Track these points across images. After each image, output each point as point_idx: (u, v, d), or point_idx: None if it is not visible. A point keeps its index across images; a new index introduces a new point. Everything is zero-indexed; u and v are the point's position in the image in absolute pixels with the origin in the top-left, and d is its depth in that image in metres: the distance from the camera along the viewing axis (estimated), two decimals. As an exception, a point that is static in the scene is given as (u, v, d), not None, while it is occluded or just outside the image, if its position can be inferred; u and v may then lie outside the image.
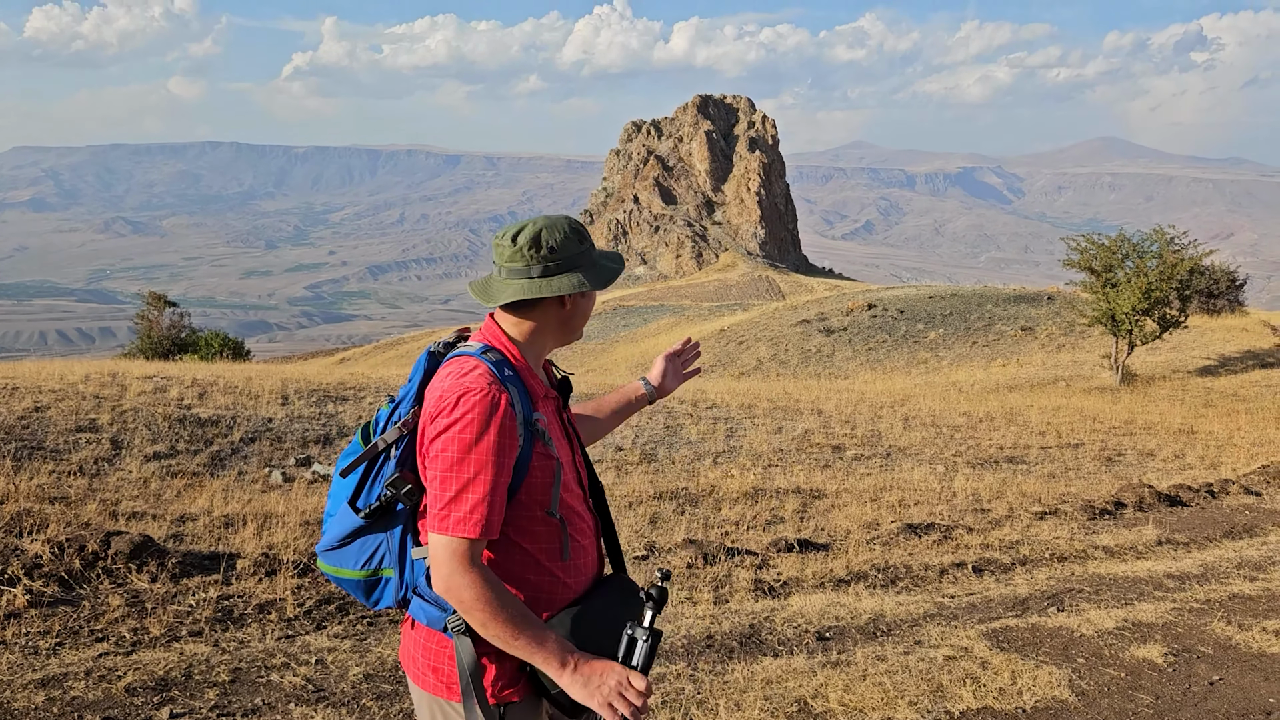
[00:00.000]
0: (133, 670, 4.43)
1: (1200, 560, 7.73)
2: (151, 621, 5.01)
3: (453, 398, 2.05)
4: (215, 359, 31.57)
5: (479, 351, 2.17)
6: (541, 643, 2.02)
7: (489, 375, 2.09)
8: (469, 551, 2.01)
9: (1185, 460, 12.89)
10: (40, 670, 4.36)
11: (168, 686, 4.33)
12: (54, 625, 4.86)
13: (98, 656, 4.58)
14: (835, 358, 33.49)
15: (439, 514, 2.03)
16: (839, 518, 8.58)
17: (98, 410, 9.73)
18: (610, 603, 2.22)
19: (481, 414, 2.02)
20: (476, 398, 2.03)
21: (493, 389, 2.05)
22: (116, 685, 4.26)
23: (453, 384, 2.08)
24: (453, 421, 2.02)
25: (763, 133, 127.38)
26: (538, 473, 2.12)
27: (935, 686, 4.85)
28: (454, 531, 2.01)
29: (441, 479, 2.03)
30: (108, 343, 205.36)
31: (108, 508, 6.81)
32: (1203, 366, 24.77)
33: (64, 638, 4.77)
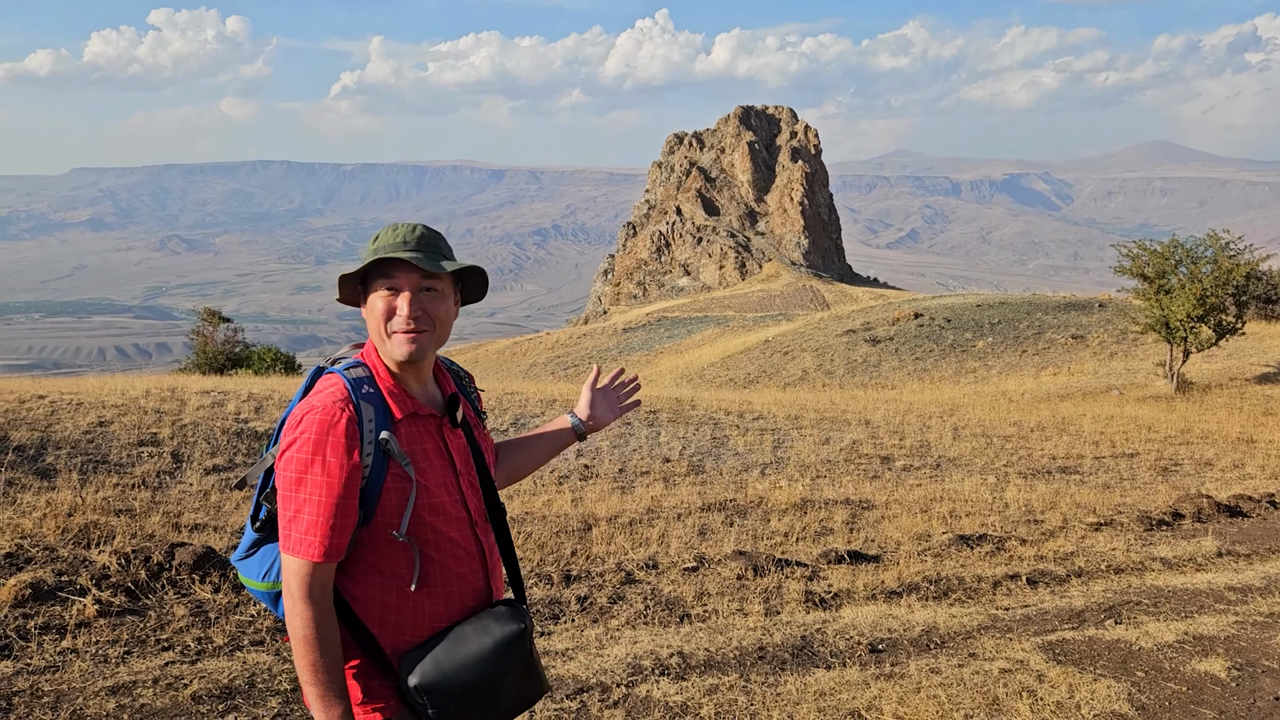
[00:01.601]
0: (198, 679, 4.54)
1: (1263, 572, 7.57)
2: (215, 631, 5.13)
3: (297, 416, 2.04)
4: (268, 373, 32.14)
5: (344, 368, 2.15)
6: (329, 705, 2.00)
7: (340, 394, 2.06)
8: (310, 576, 2.00)
9: (1245, 470, 12.61)
10: (110, 678, 4.49)
11: (232, 695, 4.44)
12: (122, 634, 5.00)
13: (164, 665, 4.71)
14: (882, 368, 33.23)
15: (282, 534, 2.03)
16: (889, 529, 8.52)
17: (159, 425, 9.96)
18: (476, 631, 2.15)
19: (318, 434, 2.00)
20: (316, 416, 2.01)
21: (334, 408, 2.03)
22: (183, 693, 4.38)
23: (303, 400, 2.09)
24: (292, 441, 2.02)
25: (805, 142, 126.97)
26: (391, 494, 2.07)
27: (991, 700, 4.81)
28: (294, 551, 2.01)
29: (281, 498, 2.03)
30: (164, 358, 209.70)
31: (170, 520, 6.98)
32: (1262, 374, 24.21)
33: (132, 646, 4.90)
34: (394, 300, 2.14)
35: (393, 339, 2.14)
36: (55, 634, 4.92)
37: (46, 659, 4.67)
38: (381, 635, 2.13)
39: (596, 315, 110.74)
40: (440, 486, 2.17)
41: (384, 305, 2.14)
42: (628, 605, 6.13)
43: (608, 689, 4.74)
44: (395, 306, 2.13)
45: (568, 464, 10.69)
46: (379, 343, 2.18)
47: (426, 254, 2.14)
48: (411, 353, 2.13)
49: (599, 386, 2.76)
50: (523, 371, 53.22)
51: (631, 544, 7.49)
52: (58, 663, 4.64)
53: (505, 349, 70.53)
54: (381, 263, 2.14)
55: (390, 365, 2.18)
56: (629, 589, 6.43)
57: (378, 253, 2.13)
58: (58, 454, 8.55)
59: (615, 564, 6.84)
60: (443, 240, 2.22)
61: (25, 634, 4.88)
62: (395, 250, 2.12)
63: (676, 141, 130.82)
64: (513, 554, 2.37)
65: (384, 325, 2.14)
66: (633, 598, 6.25)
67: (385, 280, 2.15)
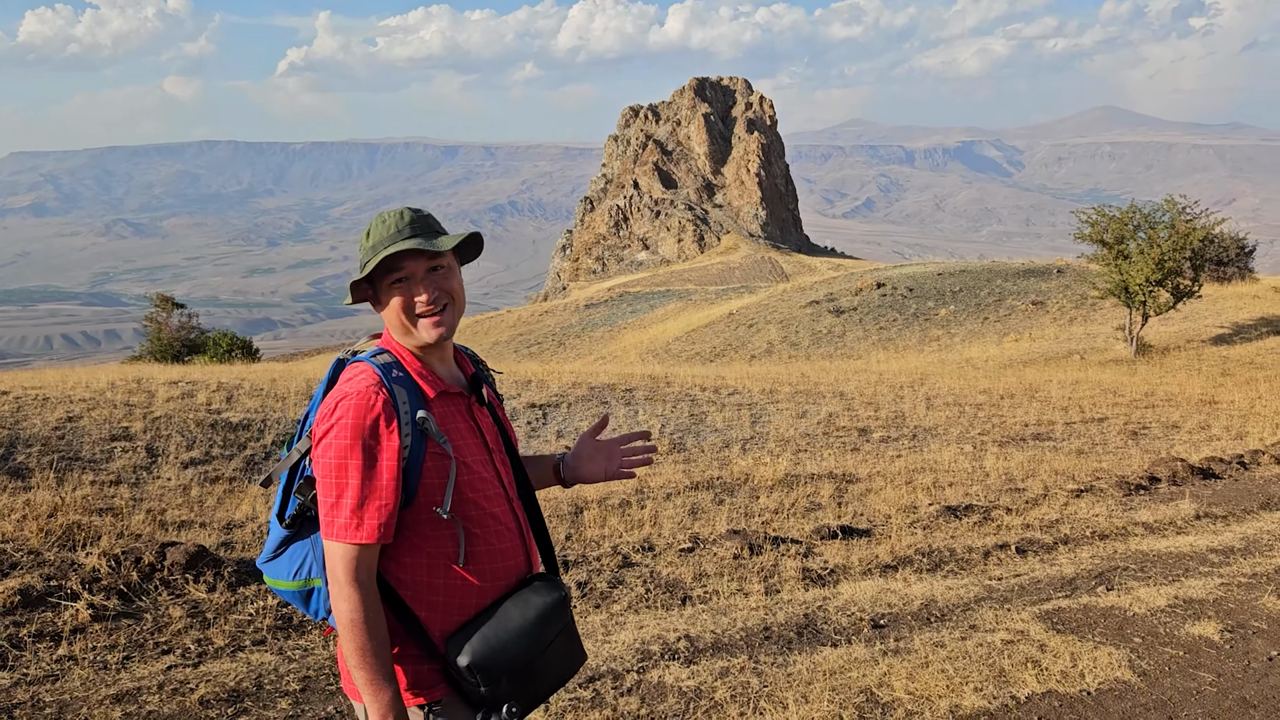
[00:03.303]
0: (204, 682, 4.46)
1: (1241, 533, 7.73)
2: (214, 632, 5.04)
3: (332, 403, 2.06)
4: (227, 360, 31.63)
5: (370, 355, 2.17)
6: (379, 689, 2.01)
7: (373, 378, 2.08)
8: (356, 559, 2.01)
9: (1211, 431, 12.87)
10: (113, 685, 4.39)
11: (240, 698, 4.36)
12: (119, 639, 4.89)
13: (167, 669, 4.61)
14: (846, 338, 33.45)
15: (324, 520, 2.04)
16: (876, 502, 8.58)
17: (129, 418, 9.75)
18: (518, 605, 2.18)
19: (356, 418, 2.01)
20: (352, 402, 2.03)
21: (369, 392, 2.04)
22: (190, 698, 4.29)
23: (337, 388, 2.10)
24: (330, 427, 2.03)
25: (760, 114, 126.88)
26: (432, 473, 2.10)
27: (998, 671, 4.86)
28: (338, 537, 2.01)
29: (322, 485, 2.04)
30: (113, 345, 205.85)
31: (154, 517, 6.84)
32: (1217, 335, 24.70)
33: (130, 651, 4.79)
34: (408, 290, 2.16)
35: (419, 325, 2.17)
36: (50, 641, 4.79)
37: (44, 668, 4.55)
38: (429, 618, 2.14)
39: (556, 292, 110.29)
40: (477, 463, 2.20)
41: (400, 297, 2.16)
42: (628, 589, 6.11)
43: (619, 676, 4.72)
44: (412, 295, 2.16)
45: (549, 446, 10.63)
46: (403, 333, 2.19)
47: (424, 236, 2.15)
48: (441, 333, 2.17)
49: (599, 438, 2.61)
50: (485, 350, 52.89)
51: (624, 526, 7.47)
52: (56, 671, 4.53)
53: (466, 327, 70.01)
54: (385, 258, 2.15)
55: (415, 349, 2.20)
56: (627, 572, 6.41)
57: (376, 249, 2.15)
58: (28, 452, 8.34)
59: (611, 547, 6.82)
60: (431, 217, 2.23)
61: (19, 642, 4.75)
62: (395, 242, 2.13)
63: (632, 115, 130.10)
64: (543, 527, 2.39)
65: (405, 316, 2.17)
66: (632, 581, 6.23)
67: (394, 273, 2.16)
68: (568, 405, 12.53)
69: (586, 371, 16.86)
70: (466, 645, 2.10)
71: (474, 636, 2.11)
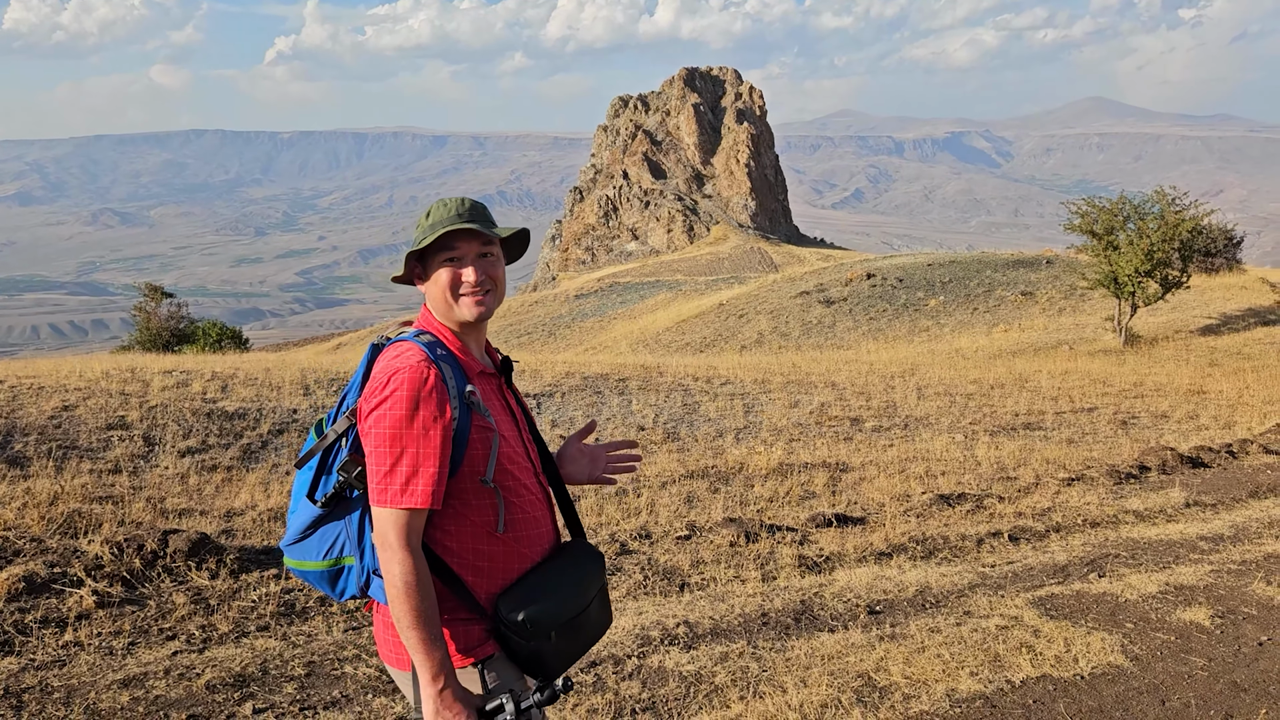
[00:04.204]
0: (210, 667, 4.50)
1: (1230, 521, 7.83)
2: (218, 618, 5.07)
3: (384, 377, 2.15)
4: (217, 350, 31.52)
5: (412, 335, 2.28)
6: (431, 649, 2.08)
7: (420, 354, 2.19)
8: (407, 524, 2.10)
9: (1200, 421, 12.99)
10: (120, 670, 4.43)
11: (246, 682, 4.40)
12: (124, 625, 4.93)
13: (172, 655, 4.65)
14: (836, 328, 33.55)
15: (377, 488, 2.12)
16: (869, 490, 8.66)
17: (125, 407, 9.76)
18: (564, 565, 2.32)
19: (411, 388, 2.11)
20: (405, 375, 2.13)
21: (421, 366, 2.15)
22: (197, 683, 4.33)
23: (385, 365, 2.19)
24: (384, 399, 2.12)
25: (750, 104, 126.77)
26: (477, 444, 2.20)
27: (993, 657, 4.94)
28: (392, 503, 2.09)
29: (376, 454, 2.12)
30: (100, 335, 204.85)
31: (154, 505, 6.86)
32: (1205, 326, 24.89)
33: (135, 637, 4.83)
34: (458, 269, 2.30)
35: (460, 302, 2.30)
36: (55, 627, 4.83)
37: (50, 654, 4.58)
38: (475, 582, 2.24)
39: (545, 282, 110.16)
40: (511, 437, 2.33)
41: (449, 274, 2.29)
42: (626, 576, 6.17)
43: (620, 661, 4.78)
44: (460, 274, 2.29)
45: (545, 434, 10.68)
46: (444, 309, 2.32)
47: (481, 223, 2.30)
48: (480, 314, 2.30)
49: (584, 441, 2.71)
50: (476, 340, 52.78)
51: (621, 514, 7.53)
52: (62, 657, 4.56)
53: (456, 318, 69.79)
54: (442, 235, 2.29)
55: (454, 327, 2.33)
56: (625, 559, 6.47)
57: (436, 227, 2.28)
58: (25, 441, 8.35)
59: (609, 535, 6.87)
60: (487, 209, 2.38)
61: (25, 629, 4.78)
62: (454, 222, 2.27)
63: (621, 105, 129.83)
64: (568, 498, 2.54)
65: (450, 292, 2.29)
66: (630, 568, 6.29)
67: (447, 252, 2.30)
68: (561, 395, 12.58)
69: (579, 361, 16.91)
70: (520, 602, 2.21)
71: (524, 595, 2.22)
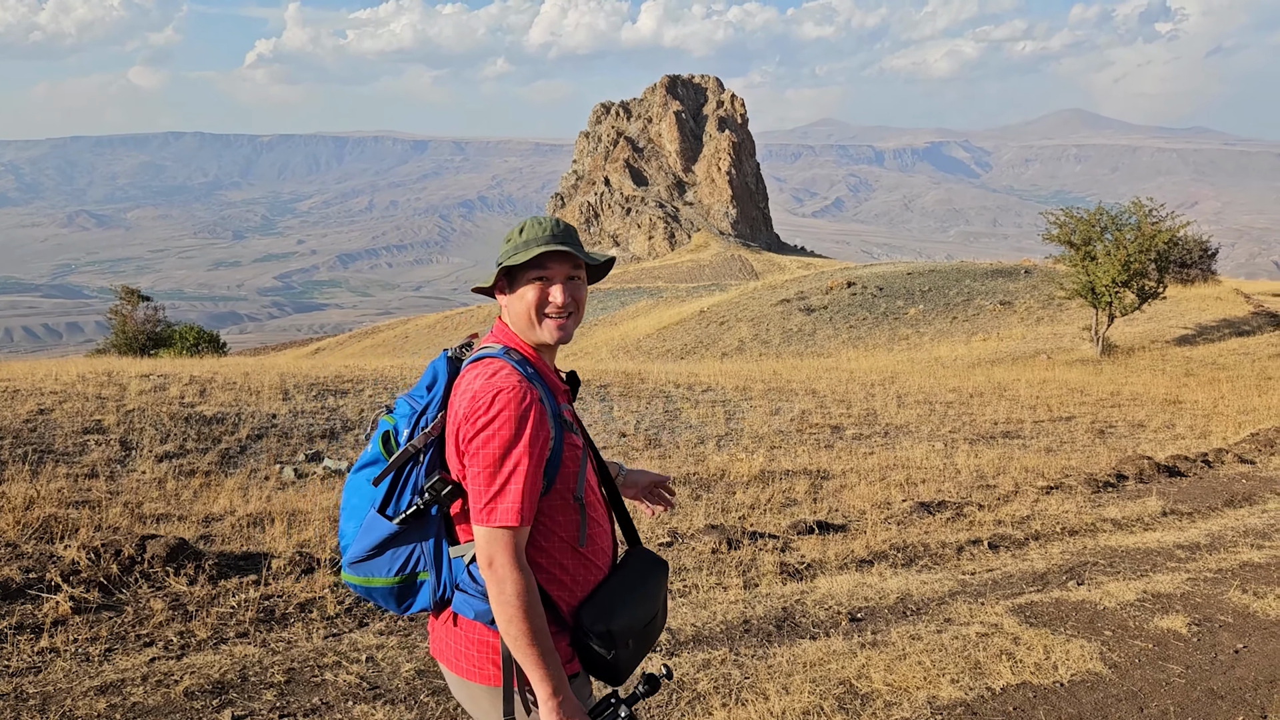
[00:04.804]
0: (188, 674, 4.46)
1: (1206, 530, 7.91)
2: (197, 624, 5.03)
3: (488, 397, 2.15)
4: (194, 353, 31.27)
5: (502, 352, 2.29)
6: (548, 662, 2.10)
7: (517, 374, 2.20)
8: (514, 541, 2.12)
9: (1176, 430, 13.12)
10: (97, 677, 4.38)
11: (225, 689, 4.36)
12: (100, 631, 4.87)
13: (150, 661, 4.60)
14: (817, 336, 33.67)
15: (485, 508, 2.12)
16: (850, 498, 8.69)
17: (102, 411, 9.66)
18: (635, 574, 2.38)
19: (517, 409, 2.13)
20: (510, 395, 2.14)
21: (521, 387, 2.16)
22: (175, 689, 4.29)
23: (484, 384, 2.18)
24: (491, 419, 2.13)
25: (732, 112, 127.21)
26: (568, 462, 2.25)
27: (973, 664, 4.97)
28: (500, 522, 2.11)
29: (484, 474, 2.13)
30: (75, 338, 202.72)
31: (131, 510, 6.80)
32: (1180, 336, 25.14)
33: (112, 643, 4.78)
34: (547, 289, 2.30)
35: (544, 324, 2.31)
36: (31, 634, 4.77)
37: (25, 660, 4.52)
38: (559, 596, 2.26)
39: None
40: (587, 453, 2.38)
41: (536, 293, 2.30)
42: (608, 583, 6.15)
43: (603, 668, 4.77)
44: (548, 294, 2.30)
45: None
46: (527, 328, 2.32)
47: (574, 246, 2.32)
48: (560, 337, 2.32)
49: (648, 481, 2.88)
50: (456, 346, 52.61)
51: (603, 521, 7.51)
52: (38, 663, 4.51)
53: (435, 323, 69.73)
54: (536, 255, 2.30)
55: (534, 346, 2.35)
56: (607, 566, 6.45)
57: (530, 245, 2.28)
58: (0, 444, 8.25)
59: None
60: (576, 232, 2.40)
61: (-1, 635, 4.72)
62: (550, 243, 2.28)
63: (604, 111, 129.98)
64: (624, 507, 2.57)
65: (535, 311, 2.30)
66: (612, 575, 6.28)
67: (538, 270, 2.30)
68: (543, 401, 12.55)
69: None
70: (604, 613, 2.24)
71: (608, 605, 2.26)
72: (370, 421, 2.44)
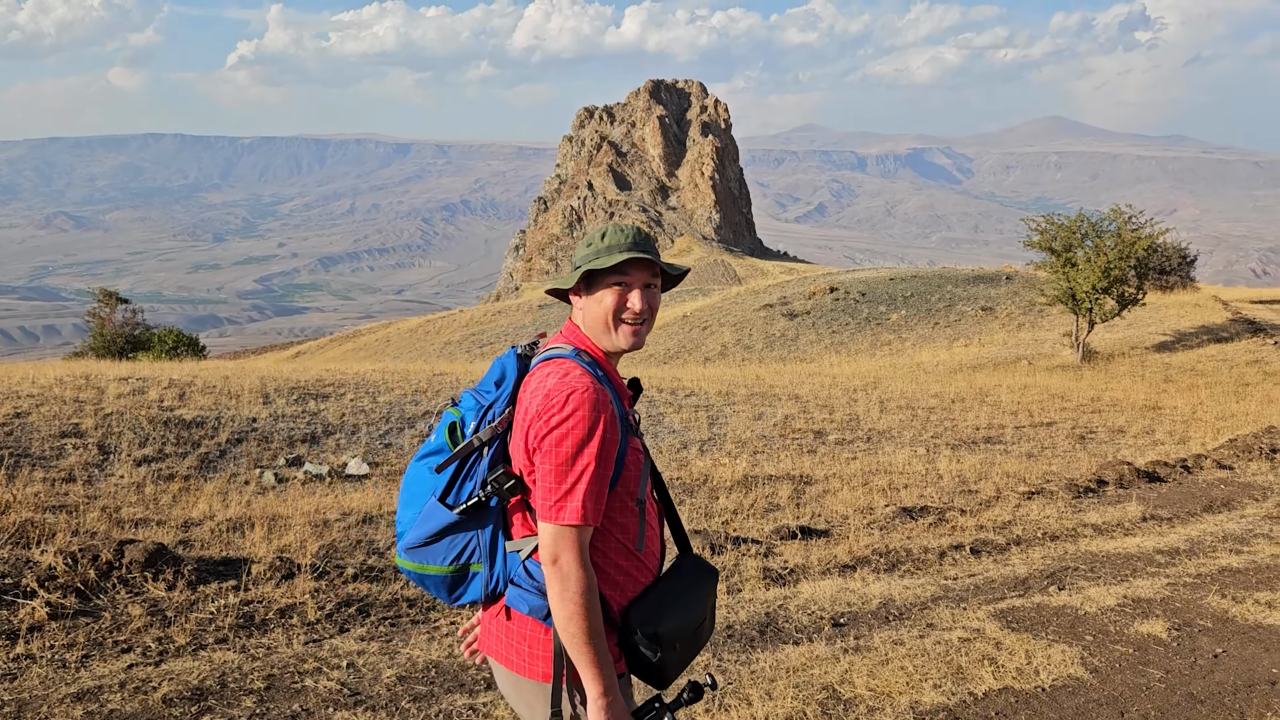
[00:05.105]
0: (166, 680, 4.41)
1: (1186, 535, 7.96)
2: (175, 630, 4.97)
3: (561, 397, 2.17)
4: (173, 357, 31.03)
5: (573, 354, 2.31)
6: (601, 662, 2.14)
7: (589, 376, 2.23)
8: (580, 540, 2.15)
9: (1155, 436, 13.21)
10: (73, 684, 4.32)
11: (204, 696, 4.32)
12: (77, 637, 4.81)
13: (128, 668, 4.55)
14: (799, 341, 33.75)
15: (554, 505, 2.15)
16: (833, 503, 8.70)
17: (79, 415, 9.57)
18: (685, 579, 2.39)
19: (590, 411, 2.15)
20: (584, 396, 2.16)
21: (594, 388, 2.19)
22: (153, 696, 4.24)
23: (557, 384, 2.20)
24: (564, 419, 2.15)
25: (715, 117, 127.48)
26: (631, 465, 2.27)
27: (955, 669, 4.97)
28: (567, 520, 2.14)
29: (556, 472, 2.15)
30: (52, 341, 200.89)
31: (109, 515, 6.73)
32: (1159, 342, 25.34)
33: (90, 650, 4.72)
34: (625, 295, 2.34)
35: (619, 330, 2.34)
36: (6, 640, 4.70)
37: (1, 666, 4.46)
38: (612, 596, 2.28)
39: (509, 292, 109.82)
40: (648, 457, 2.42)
41: (614, 299, 2.33)
42: (591, 588, 6.13)
43: (586, 674, 4.75)
44: (626, 300, 2.34)
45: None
46: (602, 332, 2.35)
47: (653, 255, 2.36)
48: (634, 343, 2.36)
49: None
50: (437, 350, 52.53)
51: (586, 526, 7.49)
52: (14, 670, 4.44)
53: (417, 327, 69.46)
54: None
55: (606, 351, 2.37)
56: (590, 571, 6.43)
57: (613, 250, 2.32)
58: (-25, 448, 8.15)
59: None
60: (653, 240, 2.43)
61: (-27, 641, 4.66)
62: (633, 250, 2.32)
63: (587, 115, 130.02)
64: (675, 513, 2.59)
65: (612, 317, 2.33)
66: (595, 580, 6.26)
67: (618, 276, 2.33)
68: (526, 405, 12.51)
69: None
70: (653, 615, 2.26)
71: (658, 607, 2.27)
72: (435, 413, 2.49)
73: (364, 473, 9.17)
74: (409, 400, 12.33)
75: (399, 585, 5.90)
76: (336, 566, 6.02)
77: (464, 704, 4.37)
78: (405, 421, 11.31)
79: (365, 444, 10.32)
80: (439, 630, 5.30)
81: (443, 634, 5.25)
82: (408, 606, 5.61)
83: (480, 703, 4.38)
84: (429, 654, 4.93)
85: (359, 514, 7.41)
